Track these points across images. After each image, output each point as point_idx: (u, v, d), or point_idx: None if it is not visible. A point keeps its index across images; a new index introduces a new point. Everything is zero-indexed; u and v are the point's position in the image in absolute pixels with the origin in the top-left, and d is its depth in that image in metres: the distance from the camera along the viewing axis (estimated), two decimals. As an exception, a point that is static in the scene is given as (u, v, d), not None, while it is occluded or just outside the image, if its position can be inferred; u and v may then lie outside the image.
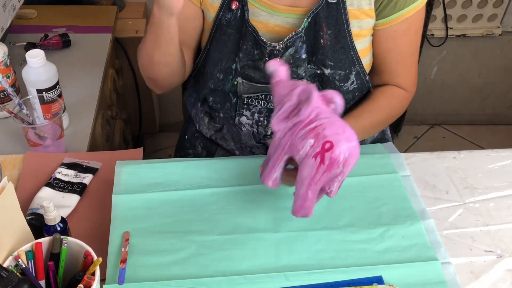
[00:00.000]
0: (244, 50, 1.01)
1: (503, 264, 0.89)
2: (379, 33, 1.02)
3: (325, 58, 0.99)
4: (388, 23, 1.00)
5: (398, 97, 1.09)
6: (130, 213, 0.93)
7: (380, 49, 1.04)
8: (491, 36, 2.18)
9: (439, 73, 2.30)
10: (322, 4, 0.96)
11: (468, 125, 2.49)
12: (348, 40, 0.99)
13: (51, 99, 1.12)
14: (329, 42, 0.98)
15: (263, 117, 1.08)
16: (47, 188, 0.99)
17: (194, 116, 1.23)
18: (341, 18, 0.97)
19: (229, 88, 1.05)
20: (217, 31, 1.02)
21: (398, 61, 1.06)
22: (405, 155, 1.08)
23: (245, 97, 1.06)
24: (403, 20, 0.99)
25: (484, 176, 1.05)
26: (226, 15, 1.00)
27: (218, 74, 1.04)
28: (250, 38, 0.99)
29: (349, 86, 1.03)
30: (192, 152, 1.25)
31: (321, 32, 0.98)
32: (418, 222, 0.94)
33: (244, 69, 1.02)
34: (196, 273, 0.85)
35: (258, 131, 1.10)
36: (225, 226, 0.92)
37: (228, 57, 1.03)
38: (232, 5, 0.98)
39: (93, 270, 0.74)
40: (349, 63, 1.01)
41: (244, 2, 0.98)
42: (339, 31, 0.98)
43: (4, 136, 1.19)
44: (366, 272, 0.85)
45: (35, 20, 1.65)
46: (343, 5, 0.96)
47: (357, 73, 1.03)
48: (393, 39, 1.02)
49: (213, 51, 1.04)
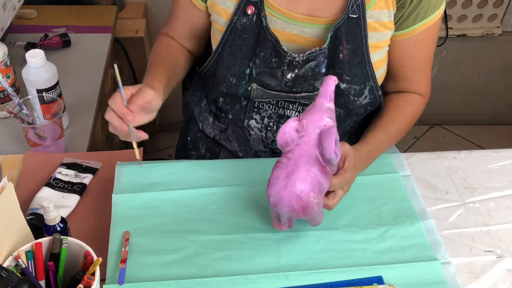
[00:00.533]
0: (262, 57, 0.99)
1: (503, 264, 0.89)
2: (399, 43, 1.01)
3: (342, 72, 0.99)
4: (409, 34, 0.99)
5: (417, 104, 1.09)
6: (130, 213, 0.93)
7: (399, 57, 1.04)
8: (491, 36, 2.18)
9: (439, 73, 2.30)
10: (344, 18, 0.95)
11: (468, 125, 2.49)
12: (365, 55, 0.98)
13: (51, 99, 1.12)
14: (347, 57, 0.98)
15: (272, 122, 1.07)
16: (47, 188, 0.99)
17: (197, 115, 1.22)
18: (360, 33, 0.96)
19: (241, 93, 1.04)
20: (230, 35, 1.01)
21: (416, 68, 1.06)
22: (405, 155, 1.08)
23: (256, 101, 1.05)
24: (424, 29, 0.99)
25: (484, 176, 1.05)
26: (241, 19, 0.98)
27: (231, 78, 1.03)
28: (269, 45, 0.98)
29: (362, 101, 1.03)
30: (195, 153, 1.24)
31: (340, 47, 0.97)
32: (418, 222, 0.94)
33: (260, 75, 1.02)
34: (196, 273, 0.85)
35: (267, 135, 1.09)
36: (225, 226, 0.92)
37: (242, 62, 1.02)
38: (248, 10, 0.97)
39: (93, 270, 0.74)
40: (364, 78, 1.01)
41: (260, 8, 0.96)
42: (358, 46, 0.97)
43: (4, 136, 1.19)
44: (366, 272, 0.86)
45: (35, 20, 1.65)
46: (364, 20, 0.95)
47: (371, 88, 1.02)
48: (413, 48, 1.02)
49: (226, 55, 1.03)
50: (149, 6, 1.99)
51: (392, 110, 1.07)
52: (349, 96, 1.02)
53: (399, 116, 1.07)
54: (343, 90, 1.00)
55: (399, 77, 1.08)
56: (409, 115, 1.08)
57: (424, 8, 0.96)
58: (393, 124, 1.06)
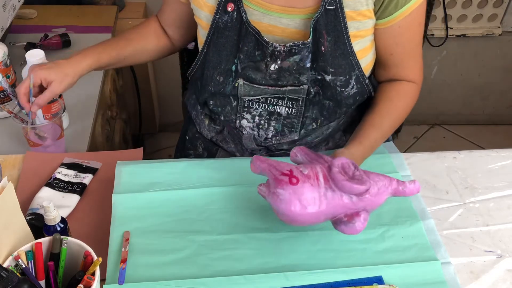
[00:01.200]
0: (245, 51, 1.00)
1: (503, 264, 0.89)
2: (383, 31, 1.02)
3: (326, 65, 0.99)
4: (392, 21, 0.99)
5: (410, 93, 1.10)
6: (131, 212, 0.93)
7: (386, 45, 1.04)
8: (491, 36, 2.18)
9: (439, 73, 2.30)
10: (322, 11, 0.95)
11: (468, 125, 2.49)
12: (347, 45, 0.99)
13: (51, 99, 1.12)
14: (329, 49, 0.98)
15: (263, 120, 1.08)
16: (47, 188, 0.99)
17: (194, 118, 1.23)
18: (339, 24, 0.96)
19: (229, 91, 1.05)
20: (214, 34, 1.02)
21: (404, 54, 1.06)
22: (405, 155, 1.08)
23: (246, 100, 1.06)
24: (407, 15, 0.99)
25: (484, 176, 1.05)
26: (223, 17, 0.99)
27: (218, 77, 1.04)
28: (251, 39, 0.99)
29: (350, 91, 1.03)
30: (193, 153, 1.25)
31: (322, 40, 0.97)
32: (418, 222, 0.93)
33: (245, 70, 1.02)
34: (196, 273, 0.85)
35: (259, 134, 1.09)
36: (225, 226, 0.92)
37: (227, 59, 1.02)
38: (228, 7, 0.98)
39: (93, 270, 0.74)
40: (349, 69, 1.01)
41: (239, 4, 0.98)
42: (338, 37, 0.98)
43: (4, 136, 1.19)
44: (366, 272, 0.85)
45: (35, 20, 1.65)
46: (341, 10, 0.95)
47: (357, 77, 1.03)
48: (398, 34, 1.02)
49: (211, 54, 1.04)
50: (149, 6, 1.99)
51: (385, 103, 1.07)
52: (335, 88, 1.02)
53: (393, 110, 1.07)
54: (329, 82, 1.01)
55: (389, 65, 1.08)
56: (402, 108, 1.08)
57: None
58: (387, 120, 1.06)
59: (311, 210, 0.80)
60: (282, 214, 0.83)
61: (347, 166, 0.83)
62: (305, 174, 0.82)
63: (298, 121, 1.07)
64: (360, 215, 0.82)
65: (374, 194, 0.83)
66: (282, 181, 0.81)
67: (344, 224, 0.82)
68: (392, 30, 1.01)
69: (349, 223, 0.82)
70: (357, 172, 0.83)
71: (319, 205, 0.81)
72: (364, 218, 0.83)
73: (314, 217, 0.82)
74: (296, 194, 0.80)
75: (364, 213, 0.83)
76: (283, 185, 0.81)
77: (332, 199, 0.82)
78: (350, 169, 0.83)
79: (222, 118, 1.10)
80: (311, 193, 0.80)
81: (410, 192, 0.86)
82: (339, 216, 0.83)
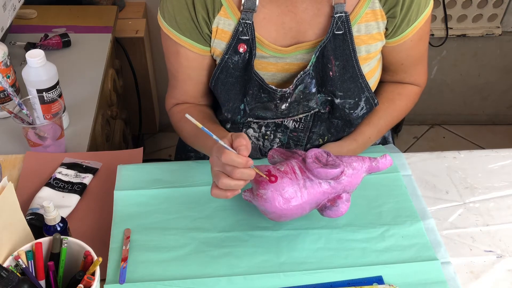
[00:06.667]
0: (251, 94, 0.99)
1: (503, 264, 0.89)
2: (396, 47, 1.02)
3: (334, 89, 0.99)
4: (404, 38, 0.99)
5: (412, 95, 1.10)
6: (132, 209, 0.94)
7: (397, 58, 1.05)
8: (491, 36, 2.18)
9: (439, 73, 2.30)
10: (329, 36, 0.94)
11: (468, 125, 2.49)
12: (356, 69, 0.98)
13: (51, 99, 1.12)
14: (338, 73, 0.98)
15: (270, 131, 1.07)
16: (47, 188, 0.99)
17: None
18: (348, 48, 0.96)
19: (238, 120, 1.05)
20: (222, 72, 0.99)
21: (414, 63, 1.07)
22: (405, 155, 1.08)
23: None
24: (418, 29, 0.99)
25: (484, 176, 1.05)
26: (233, 57, 0.97)
27: (225, 113, 1.04)
28: (255, 84, 0.98)
29: (359, 112, 1.04)
30: (194, 155, 1.24)
31: (329, 65, 0.96)
32: (418, 222, 0.94)
33: (254, 110, 1.02)
34: (196, 272, 0.85)
35: (264, 144, 1.09)
36: (225, 224, 0.93)
37: (235, 98, 1.01)
38: (239, 48, 0.96)
39: (93, 270, 0.74)
40: (358, 91, 1.01)
41: (252, 46, 0.96)
42: (347, 61, 0.97)
43: (4, 136, 1.19)
44: (366, 272, 0.86)
45: (35, 20, 1.65)
46: (350, 34, 0.95)
47: (366, 99, 1.03)
48: (410, 47, 1.02)
49: (220, 92, 1.02)
50: (149, 6, 1.99)
51: (385, 104, 1.08)
52: (344, 110, 1.02)
53: (392, 111, 1.08)
54: (338, 104, 1.01)
55: (397, 72, 1.09)
56: (401, 109, 1.09)
57: (414, 11, 0.96)
58: (384, 120, 1.07)
59: (294, 203, 0.84)
60: (269, 213, 0.85)
61: (320, 155, 0.87)
62: (282, 171, 0.85)
63: (304, 136, 1.07)
64: (342, 197, 0.86)
65: (350, 175, 0.87)
66: (262, 182, 0.84)
67: (329, 208, 0.86)
68: (404, 45, 1.01)
69: (333, 206, 0.86)
70: (330, 158, 0.87)
71: (301, 197, 0.84)
72: (346, 199, 0.86)
73: (299, 208, 0.85)
74: (278, 190, 0.83)
75: (345, 194, 0.87)
76: (264, 185, 0.84)
77: (312, 188, 0.85)
78: (323, 157, 0.87)
79: (228, 127, 1.10)
80: (291, 186, 0.84)
81: (384, 165, 0.90)
82: (322, 203, 0.87)
